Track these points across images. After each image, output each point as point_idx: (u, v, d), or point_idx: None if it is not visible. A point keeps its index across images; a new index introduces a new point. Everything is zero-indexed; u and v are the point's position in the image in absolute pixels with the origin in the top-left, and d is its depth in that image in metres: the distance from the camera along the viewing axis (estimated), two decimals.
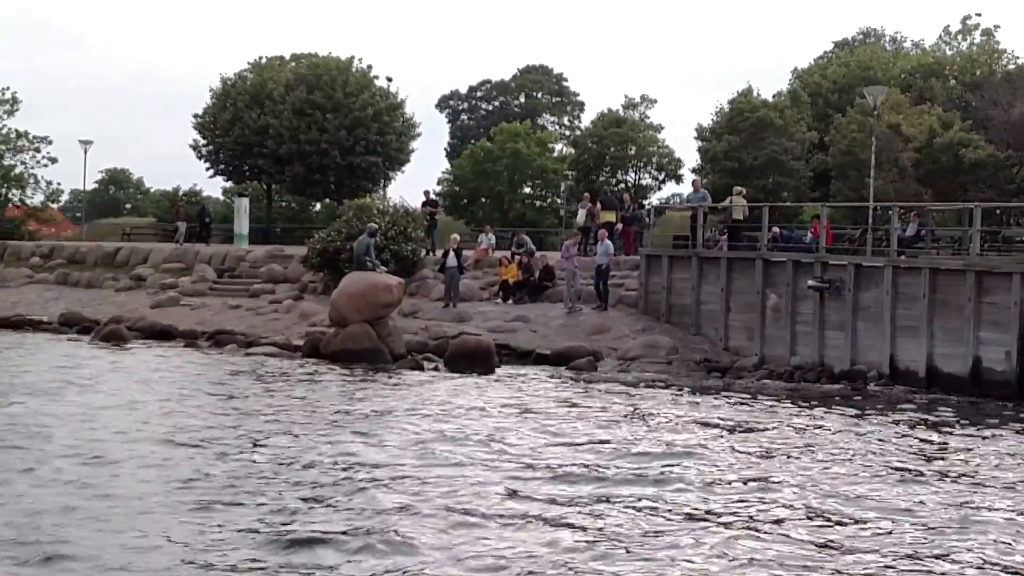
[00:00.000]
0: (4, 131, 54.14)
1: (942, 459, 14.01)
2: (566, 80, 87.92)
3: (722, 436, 15.25)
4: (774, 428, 16.14)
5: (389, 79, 56.69)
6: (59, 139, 62.65)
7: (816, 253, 25.03)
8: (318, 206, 65.69)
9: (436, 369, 23.08)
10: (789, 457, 13.73)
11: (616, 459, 13.21)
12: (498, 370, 22.91)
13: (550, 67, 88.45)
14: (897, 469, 13.12)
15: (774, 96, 50.53)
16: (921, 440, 15.46)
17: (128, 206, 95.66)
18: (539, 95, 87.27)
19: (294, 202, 66.98)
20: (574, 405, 18.07)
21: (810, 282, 23.94)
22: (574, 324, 26.87)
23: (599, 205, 32.60)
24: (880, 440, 15.24)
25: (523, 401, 18.39)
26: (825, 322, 23.73)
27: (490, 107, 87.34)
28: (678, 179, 50.57)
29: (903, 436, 15.73)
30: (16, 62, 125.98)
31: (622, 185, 49.20)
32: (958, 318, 21.29)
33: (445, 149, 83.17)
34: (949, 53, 55.61)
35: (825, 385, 21.92)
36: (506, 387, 20.42)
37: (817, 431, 16.03)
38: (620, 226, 30.84)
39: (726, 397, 19.88)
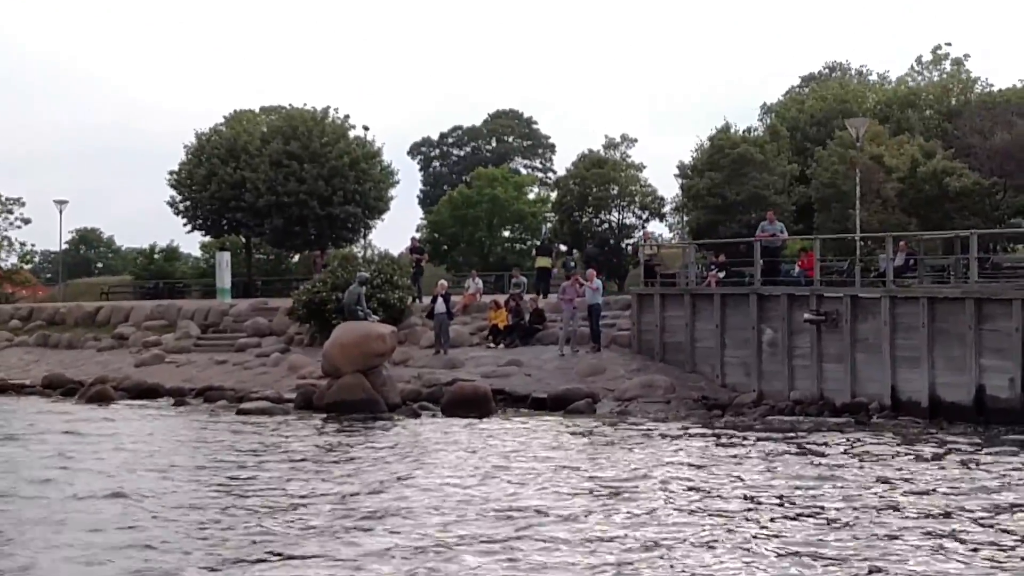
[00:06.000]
0: None
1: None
2: (536, 123, 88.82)
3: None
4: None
5: (366, 128, 56.44)
6: (27, 198, 61.95)
7: (810, 286, 24.82)
8: (296, 257, 65.26)
9: (434, 416, 22.69)
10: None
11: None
12: (496, 416, 22.58)
13: (520, 111, 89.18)
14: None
15: (745, 131, 50.51)
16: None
17: (100, 265, 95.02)
18: (510, 139, 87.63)
19: (271, 254, 66.49)
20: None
21: (806, 315, 23.76)
22: (568, 366, 26.55)
23: (534, 251, 33.09)
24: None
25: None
26: (823, 355, 23.51)
27: (462, 152, 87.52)
28: (661, 217, 50.51)
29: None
30: None
31: (605, 225, 49.05)
32: (959, 346, 21.15)
33: (418, 196, 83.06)
34: (922, 84, 55.97)
35: (829, 418, 21.65)
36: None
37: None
38: (555, 270, 31.29)
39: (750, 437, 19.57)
